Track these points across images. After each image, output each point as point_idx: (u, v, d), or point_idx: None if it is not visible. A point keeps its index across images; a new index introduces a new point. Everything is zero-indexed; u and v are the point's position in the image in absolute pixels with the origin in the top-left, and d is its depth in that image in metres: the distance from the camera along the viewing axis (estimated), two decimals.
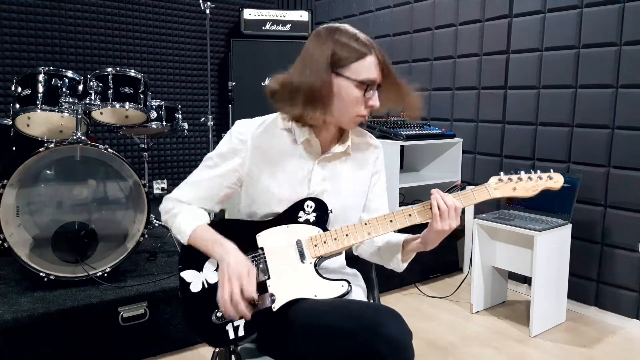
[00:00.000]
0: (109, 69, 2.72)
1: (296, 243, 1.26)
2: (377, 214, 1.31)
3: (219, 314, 1.20)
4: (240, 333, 1.20)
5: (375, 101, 1.24)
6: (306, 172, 1.32)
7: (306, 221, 1.28)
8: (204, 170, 1.34)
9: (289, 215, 1.29)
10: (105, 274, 2.30)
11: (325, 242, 1.26)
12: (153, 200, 2.54)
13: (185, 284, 1.25)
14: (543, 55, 2.93)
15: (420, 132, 3.26)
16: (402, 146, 3.22)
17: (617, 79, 2.61)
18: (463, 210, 1.27)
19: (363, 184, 1.40)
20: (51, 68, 2.66)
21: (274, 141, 1.31)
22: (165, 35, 4.36)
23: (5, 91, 3.70)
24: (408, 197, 3.44)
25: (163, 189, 4.35)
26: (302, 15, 4.37)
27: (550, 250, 2.54)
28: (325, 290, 1.22)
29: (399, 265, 1.38)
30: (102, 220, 2.40)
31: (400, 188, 3.12)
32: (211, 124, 3.73)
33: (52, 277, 2.23)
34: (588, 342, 2.48)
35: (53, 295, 2.17)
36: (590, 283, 2.78)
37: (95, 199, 2.42)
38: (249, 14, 4.30)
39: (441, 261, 3.35)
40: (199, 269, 1.26)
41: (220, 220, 1.42)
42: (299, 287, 1.23)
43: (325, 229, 1.28)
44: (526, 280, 3.03)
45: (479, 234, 2.74)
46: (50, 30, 3.87)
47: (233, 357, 1.34)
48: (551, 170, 1.32)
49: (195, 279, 1.25)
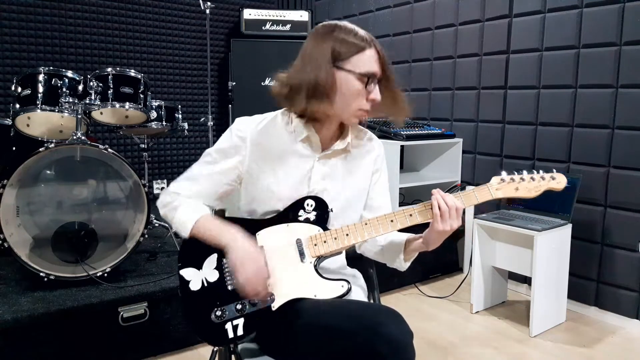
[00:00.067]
0: (109, 69, 2.71)
1: (296, 242, 1.26)
2: (379, 213, 1.30)
3: (218, 312, 1.20)
4: (240, 332, 1.19)
5: (376, 94, 1.24)
6: (306, 170, 1.31)
7: (306, 220, 1.27)
8: (202, 166, 1.33)
9: (289, 214, 1.28)
10: (105, 274, 2.30)
11: (325, 242, 1.25)
12: (153, 200, 2.52)
13: (184, 282, 1.24)
14: (543, 55, 2.93)
15: (420, 132, 3.25)
16: (402, 146, 3.21)
17: (617, 79, 2.61)
18: (463, 210, 1.26)
19: (363, 182, 1.39)
20: (51, 68, 2.66)
21: (274, 139, 1.31)
22: (165, 35, 4.36)
23: (5, 91, 3.70)
24: (408, 197, 3.44)
25: (163, 189, 4.34)
26: (302, 15, 4.37)
27: (550, 250, 2.54)
28: (325, 290, 1.22)
29: (401, 264, 1.38)
30: (102, 220, 2.40)
31: (400, 188, 3.12)
32: (211, 124, 3.73)
33: (52, 277, 2.23)
34: (588, 342, 2.48)
35: (53, 295, 2.17)
36: (590, 283, 2.78)
37: (95, 199, 2.42)
38: (249, 14, 4.30)
39: (441, 261, 3.35)
40: (199, 267, 1.25)
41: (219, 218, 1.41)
42: (299, 287, 1.22)
43: (325, 228, 1.27)
44: (526, 280, 3.02)
45: (479, 234, 2.73)
46: (50, 30, 3.87)
47: (233, 357, 1.34)
48: (554, 171, 1.30)
49: (195, 277, 1.24)
